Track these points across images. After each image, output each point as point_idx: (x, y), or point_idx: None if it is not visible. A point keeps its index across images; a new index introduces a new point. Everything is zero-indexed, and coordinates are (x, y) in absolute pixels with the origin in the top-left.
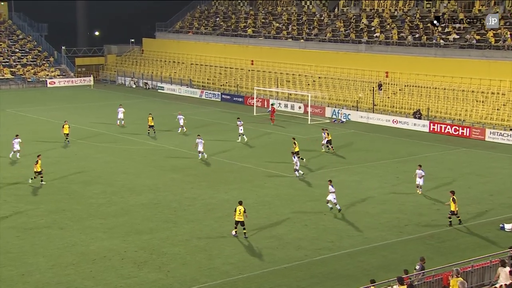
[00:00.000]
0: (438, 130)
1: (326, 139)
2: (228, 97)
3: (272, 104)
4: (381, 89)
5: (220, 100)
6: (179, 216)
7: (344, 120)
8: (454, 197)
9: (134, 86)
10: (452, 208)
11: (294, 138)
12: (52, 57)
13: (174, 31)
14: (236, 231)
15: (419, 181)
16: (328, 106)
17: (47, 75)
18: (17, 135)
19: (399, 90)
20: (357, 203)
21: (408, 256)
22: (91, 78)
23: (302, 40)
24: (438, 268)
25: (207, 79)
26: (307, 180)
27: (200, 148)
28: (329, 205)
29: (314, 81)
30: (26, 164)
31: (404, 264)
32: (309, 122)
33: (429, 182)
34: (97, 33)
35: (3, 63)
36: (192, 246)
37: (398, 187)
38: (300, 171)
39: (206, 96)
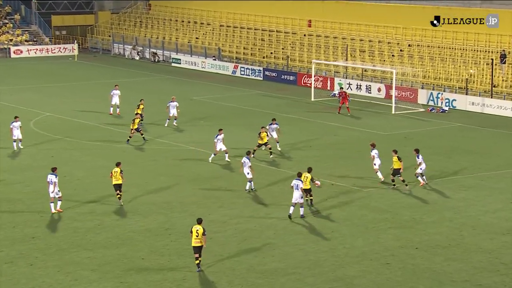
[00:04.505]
0: None
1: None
2: (274, 74)
3: (341, 87)
4: (504, 62)
5: (261, 78)
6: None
7: (447, 108)
8: (398, 156)
9: (137, 58)
10: (396, 167)
11: (263, 127)
12: (18, 14)
13: None
14: (199, 263)
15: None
16: (423, 88)
17: (11, 40)
18: (16, 117)
19: None
20: (465, 232)
21: None
22: (75, 45)
23: None
24: None
25: (244, 48)
26: (392, 197)
27: (221, 147)
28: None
29: (401, 50)
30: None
31: None
32: (393, 112)
33: None
34: None
35: None
36: None
37: None
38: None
39: (242, 73)
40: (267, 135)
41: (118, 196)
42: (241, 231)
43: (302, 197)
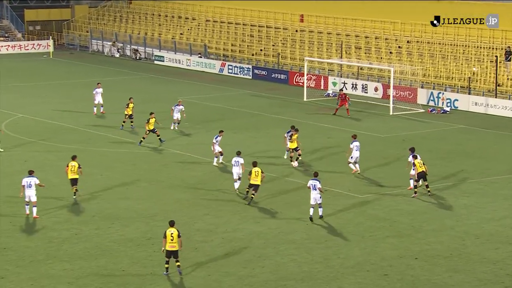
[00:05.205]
0: None
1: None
2: (264, 72)
3: (341, 88)
4: (509, 60)
5: (251, 77)
6: (186, 258)
7: (448, 109)
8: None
9: (117, 55)
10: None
11: (295, 129)
12: None
13: None
14: (168, 267)
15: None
16: (422, 87)
17: None
18: None
19: None
20: (467, 241)
21: None
22: (50, 41)
23: None
24: None
25: (231, 45)
26: (389, 204)
27: (218, 148)
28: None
29: (399, 47)
30: None
31: None
32: (391, 113)
33: None
34: None
35: None
36: None
37: None
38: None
39: (230, 71)
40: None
41: (75, 191)
42: (228, 241)
43: (321, 197)
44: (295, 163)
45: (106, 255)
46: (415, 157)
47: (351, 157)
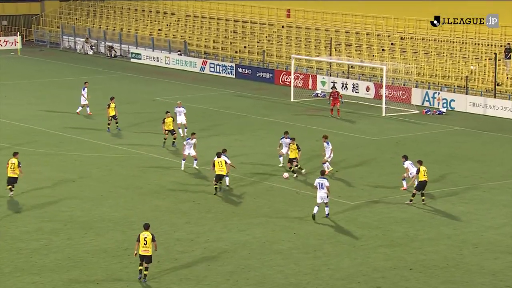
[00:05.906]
0: None
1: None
2: (248, 71)
3: (332, 87)
4: (509, 58)
5: (234, 76)
6: (165, 270)
7: (444, 110)
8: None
9: (90, 53)
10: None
11: (291, 138)
12: None
13: None
14: (141, 269)
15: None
16: (417, 87)
17: None
18: None
19: None
20: (465, 250)
21: None
22: (18, 38)
23: None
24: None
25: (213, 42)
26: (382, 211)
27: (189, 151)
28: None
29: (392, 44)
30: None
31: None
32: (383, 114)
33: None
34: None
35: None
36: None
37: None
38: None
39: (212, 69)
40: (298, 149)
41: (10, 188)
42: (210, 251)
43: (328, 196)
44: (286, 174)
45: (79, 267)
46: (420, 163)
47: (328, 157)
